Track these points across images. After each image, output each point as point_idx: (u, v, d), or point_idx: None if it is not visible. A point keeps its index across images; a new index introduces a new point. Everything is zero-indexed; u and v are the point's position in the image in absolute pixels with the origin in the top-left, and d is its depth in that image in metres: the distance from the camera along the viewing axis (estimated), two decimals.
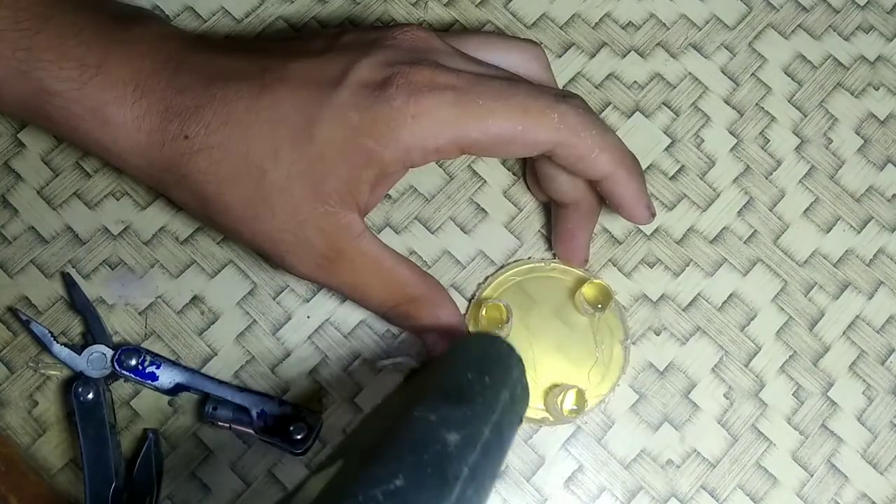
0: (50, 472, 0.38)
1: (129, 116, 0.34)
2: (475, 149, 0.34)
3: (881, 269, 0.42)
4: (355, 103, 0.33)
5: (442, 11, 0.44)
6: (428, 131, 0.33)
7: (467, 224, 0.42)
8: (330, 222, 0.34)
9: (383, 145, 0.33)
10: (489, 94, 0.33)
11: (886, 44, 0.45)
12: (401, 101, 0.33)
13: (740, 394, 0.40)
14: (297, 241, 0.34)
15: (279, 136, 0.33)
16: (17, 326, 0.40)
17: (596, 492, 0.39)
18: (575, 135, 0.34)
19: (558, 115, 0.34)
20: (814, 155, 0.43)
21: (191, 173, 0.34)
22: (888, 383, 0.41)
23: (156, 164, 0.34)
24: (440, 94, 0.33)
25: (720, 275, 0.41)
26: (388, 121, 0.33)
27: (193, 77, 0.34)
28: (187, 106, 0.34)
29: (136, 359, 0.38)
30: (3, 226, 0.41)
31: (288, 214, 0.34)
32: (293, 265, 0.35)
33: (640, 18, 0.45)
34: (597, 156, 0.34)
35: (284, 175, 0.33)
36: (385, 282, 0.36)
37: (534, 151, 0.35)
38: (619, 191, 0.36)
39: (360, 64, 0.34)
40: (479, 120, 0.33)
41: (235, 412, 0.38)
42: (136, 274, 0.41)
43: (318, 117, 0.33)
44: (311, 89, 0.33)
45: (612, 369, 0.40)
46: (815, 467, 0.39)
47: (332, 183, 0.34)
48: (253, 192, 0.34)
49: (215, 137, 0.33)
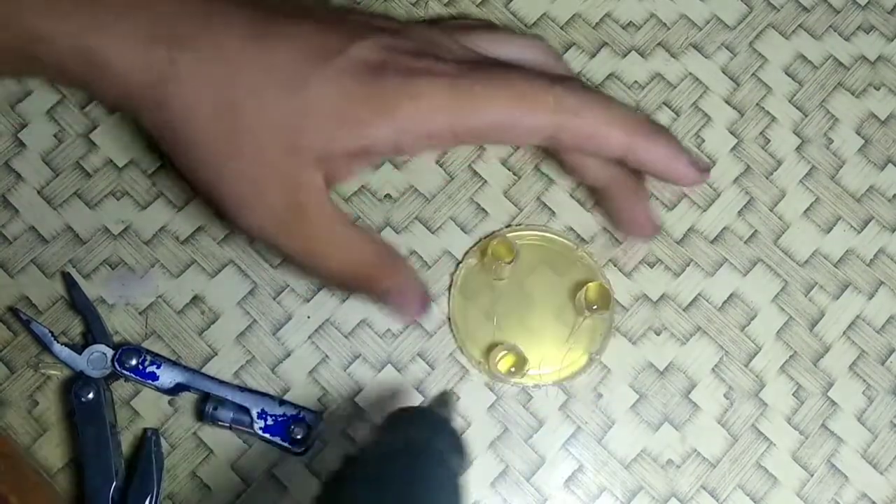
0: (50, 471, 0.38)
1: (108, 40, 0.32)
2: (471, 136, 0.33)
3: (881, 269, 0.42)
4: (353, 74, 0.32)
5: (442, 11, 0.44)
6: (424, 114, 0.32)
7: (467, 224, 0.42)
8: (296, 177, 0.33)
9: (377, 119, 0.32)
10: (484, 80, 0.33)
11: (887, 44, 0.45)
12: (398, 82, 0.32)
13: (740, 394, 0.40)
14: (257, 191, 0.33)
15: (268, 81, 0.32)
16: (18, 326, 0.40)
17: (596, 492, 0.39)
18: (575, 115, 0.33)
19: (553, 97, 0.33)
20: (814, 155, 0.43)
21: (168, 99, 0.32)
22: (888, 383, 0.41)
23: (134, 89, 0.33)
24: (437, 80, 0.33)
25: (720, 275, 0.41)
26: (385, 96, 0.32)
27: (188, 4, 0.33)
28: (179, 33, 0.32)
29: (137, 358, 0.38)
30: (3, 226, 0.41)
31: (254, 159, 0.33)
32: (248, 217, 0.34)
33: (641, 18, 0.45)
34: (606, 132, 0.33)
35: (263, 120, 0.32)
36: (344, 246, 0.35)
37: (535, 138, 0.34)
38: (648, 159, 0.34)
39: (362, 41, 0.33)
40: (473, 105, 0.33)
41: (235, 412, 0.38)
42: (136, 274, 0.41)
43: (311, 75, 0.32)
44: (309, 50, 0.33)
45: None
46: (815, 467, 0.39)
47: (310, 139, 0.33)
48: (225, 131, 0.33)
49: (202, 68, 0.32)
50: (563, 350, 0.40)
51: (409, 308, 0.36)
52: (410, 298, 0.36)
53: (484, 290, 0.41)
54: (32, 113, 0.42)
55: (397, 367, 0.40)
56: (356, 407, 0.39)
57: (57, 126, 0.42)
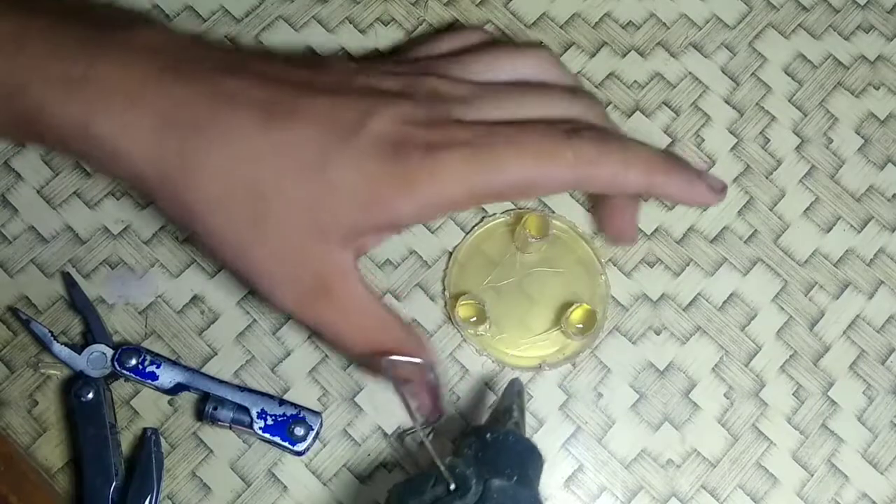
0: (50, 471, 0.38)
1: (117, 129, 0.32)
2: (492, 198, 0.34)
3: (881, 268, 0.42)
4: (373, 154, 0.32)
5: (442, 11, 0.44)
6: (445, 187, 0.33)
7: (467, 224, 0.42)
8: (324, 259, 0.33)
9: (400, 198, 0.33)
10: (502, 143, 0.33)
11: (887, 43, 0.45)
12: (418, 159, 0.32)
13: (740, 394, 0.40)
14: (285, 273, 0.33)
15: (285, 165, 0.32)
16: (18, 326, 0.40)
17: (596, 491, 0.39)
18: (594, 166, 0.34)
19: (572, 152, 0.33)
20: (814, 154, 0.43)
21: (182, 192, 0.32)
22: (888, 383, 0.41)
23: (148, 180, 0.33)
24: (456, 151, 0.33)
25: (720, 274, 0.41)
26: (406, 176, 0.32)
27: (195, 90, 0.33)
28: (187, 122, 0.32)
29: (137, 358, 0.38)
30: (3, 225, 0.41)
31: (280, 244, 0.33)
32: (276, 297, 0.34)
33: (641, 18, 0.45)
34: (625, 175, 0.34)
35: (284, 204, 0.32)
36: (368, 326, 0.35)
37: (558, 191, 0.35)
38: (666, 193, 0.35)
39: (376, 116, 0.33)
40: (493, 171, 0.33)
41: (235, 412, 0.38)
42: (136, 273, 0.41)
43: (330, 156, 0.32)
44: (322, 128, 0.33)
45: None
46: (815, 467, 0.39)
47: (336, 220, 0.33)
48: (247, 218, 0.33)
49: (215, 158, 0.32)
50: (538, 336, 0.40)
51: (422, 402, 0.37)
52: (425, 395, 0.36)
53: (498, 250, 0.42)
54: None
55: None
56: (356, 407, 0.39)
57: None
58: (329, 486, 0.38)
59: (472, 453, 0.33)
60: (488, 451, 0.33)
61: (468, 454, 0.33)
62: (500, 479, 0.32)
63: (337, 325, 0.35)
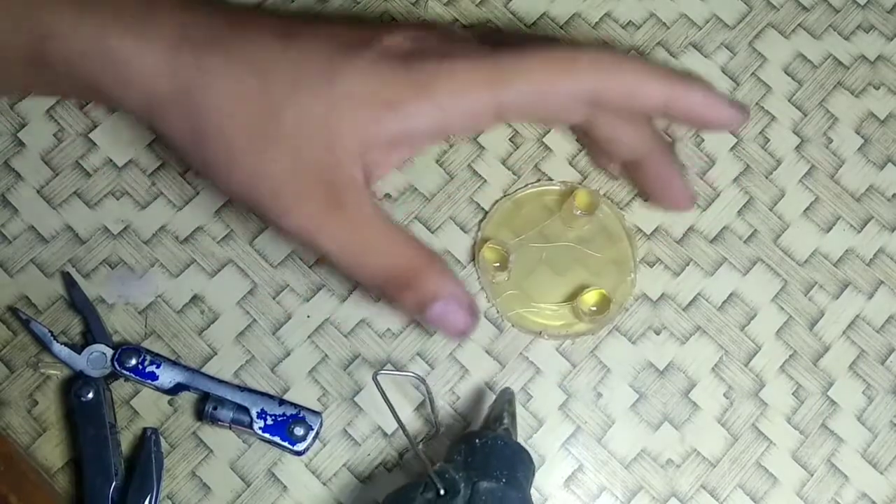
0: (50, 471, 0.38)
1: (131, 43, 0.31)
2: (513, 110, 0.33)
3: (881, 268, 0.42)
4: (387, 60, 0.32)
5: (442, 11, 0.44)
6: (463, 90, 0.32)
7: (467, 224, 0.42)
8: (335, 174, 0.32)
9: (417, 99, 0.32)
10: (520, 54, 0.33)
11: (887, 43, 0.45)
12: (434, 65, 0.32)
13: (740, 393, 0.40)
14: (297, 189, 0.32)
15: (300, 77, 0.32)
16: (17, 326, 0.40)
17: (596, 491, 0.39)
18: (613, 72, 0.33)
19: (588, 57, 0.33)
20: (814, 154, 0.43)
21: (197, 109, 0.32)
22: (888, 383, 0.41)
23: (158, 96, 0.32)
24: (472, 57, 0.32)
25: (720, 274, 0.41)
26: (421, 80, 0.32)
27: (213, 9, 0.33)
28: (204, 37, 0.32)
29: (136, 358, 0.38)
30: (3, 225, 0.41)
31: (294, 160, 0.32)
32: (290, 217, 0.33)
33: (641, 18, 0.45)
34: (645, 84, 0.33)
35: (299, 117, 0.32)
36: (385, 244, 0.33)
37: (577, 104, 0.33)
38: (688, 105, 0.34)
39: (391, 34, 0.33)
40: (512, 76, 0.32)
41: (235, 412, 0.38)
42: (135, 273, 0.41)
43: (343, 66, 0.32)
44: (340, 43, 0.33)
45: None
46: (815, 467, 0.39)
47: (349, 130, 0.32)
48: (261, 133, 0.32)
49: (232, 70, 0.32)
50: (549, 305, 0.41)
51: (456, 317, 0.34)
52: (456, 306, 0.33)
53: (541, 215, 0.42)
54: (32, 112, 0.42)
55: (397, 367, 0.40)
56: (356, 407, 0.39)
57: (56, 125, 0.42)
58: (329, 486, 0.39)
59: (462, 458, 0.33)
60: (477, 456, 0.33)
61: (458, 460, 0.33)
62: (488, 482, 0.32)
63: (351, 244, 0.33)
